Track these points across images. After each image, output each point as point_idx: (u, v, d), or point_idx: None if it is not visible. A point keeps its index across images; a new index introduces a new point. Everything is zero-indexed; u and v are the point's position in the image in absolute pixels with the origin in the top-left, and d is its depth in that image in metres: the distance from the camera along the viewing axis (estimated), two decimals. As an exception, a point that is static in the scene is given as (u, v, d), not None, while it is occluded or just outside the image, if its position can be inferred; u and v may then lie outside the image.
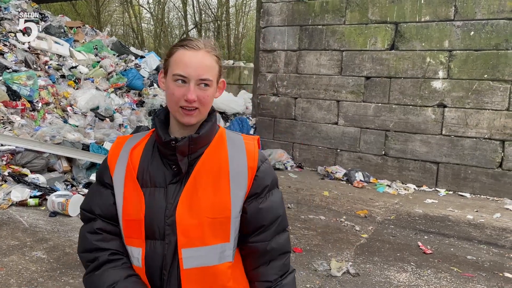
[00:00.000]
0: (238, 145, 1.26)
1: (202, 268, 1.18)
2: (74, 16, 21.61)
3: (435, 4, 6.36)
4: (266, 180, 1.26)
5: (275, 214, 1.27)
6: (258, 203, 1.23)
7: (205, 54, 1.20)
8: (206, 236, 1.18)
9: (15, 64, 6.89)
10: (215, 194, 1.19)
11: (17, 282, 3.13)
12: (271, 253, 1.26)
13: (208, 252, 1.18)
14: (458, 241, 4.41)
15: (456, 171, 6.40)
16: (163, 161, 1.23)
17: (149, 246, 1.20)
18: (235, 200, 1.20)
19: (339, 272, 3.55)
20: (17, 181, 4.97)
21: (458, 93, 6.30)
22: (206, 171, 1.21)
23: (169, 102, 1.21)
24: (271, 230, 1.25)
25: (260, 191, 1.24)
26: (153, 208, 1.20)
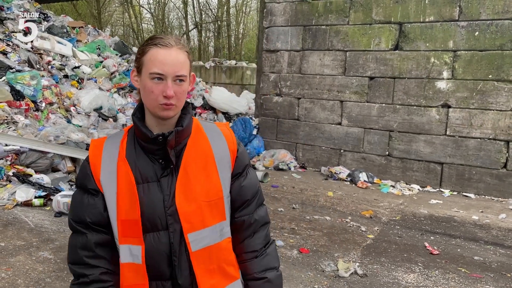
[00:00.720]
0: (215, 132, 1.36)
1: (208, 248, 1.28)
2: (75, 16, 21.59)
3: (439, 4, 6.35)
4: (245, 160, 1.39)
5: (255, 189, 1.40)
6: (240, 181, 1.36)
7: (178, 51, 1.24)
8: (206, 218, 1.27)
9: (18, 64, 6.87)
10: (206, 179, 1.28)
11: (24, 282, 3.12)
12: (255, 225, 1.39)
13: (210, 232, 1.28)
14: (465, 242, 4.40)
15: (460, 172, 6.39)
16: (149, 157, 1.27)
17: (152, 238, 1.25)
18: (224, 182, 1.31)
19: (347, 273, 3.54)
20: (22, 181, 4.96)
21: (462, 93, 6.29)
22: (193, 160, 1.29)
23: (147, 99, 1.24)
24: (253, 203, 1.39)
25: (241, 170, 1.37)
26: (151, 202, 1.25)
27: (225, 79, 14.25)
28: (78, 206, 1.30)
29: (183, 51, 1.26)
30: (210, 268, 1.29)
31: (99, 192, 1.28)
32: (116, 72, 8.25)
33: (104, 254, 1.29)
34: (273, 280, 1.38)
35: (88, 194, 1.29)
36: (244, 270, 1.39)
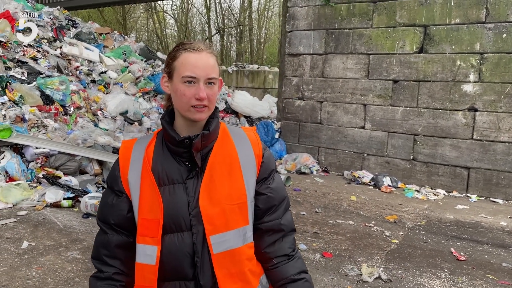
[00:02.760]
0: (241, 137, 1.37)
1: (230, 251, 1.28)
2: (101, 23, 22.12)
3: (465, 7, 6.25)
4: (271, 164, 1.40)
5: (282, 194, 1.41)
6: (267, 186, 1.36)
7: (208, 55, 1.28)
8: (229, 221, 1.28)
9: (48, 69, 7.10)
10: (230, 183, 1.29)
11: (54, 281, 3.21)
12: (284, 230, 1.39)
13: (233, 235, 1.28)
14: (492, 248, 4.31)
15: (488, 177, 6.24)
16: (175, 159, 1.30)
17: (176, 238, 1.28)
18: (248, 186, 1.32)
19: (371, 278, 3.51)
20: (51, 183, 5.11)
21: (490, 96, 6.16)
22: (219, 163, 1.30)
23: (180, 102, 1.28)
24: (281, 208, 1.39)
25: (267, 175, 1.38)
26: (176, 203, 1.28)
27: (247, 83, 14.33)
28: (105, 206, 1.38)
29: (213, 55, 1.29)
30: (232, 272, 1.29)
31: (124, 194, 1.32)
32: (141, 77, 8.42)
33: (121, 256, 1.34)
34: (310, 281, 1.40)
35: (114, 195, 1.34)
36: (278, 274, 1.38)
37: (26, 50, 7.19)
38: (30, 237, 3.95)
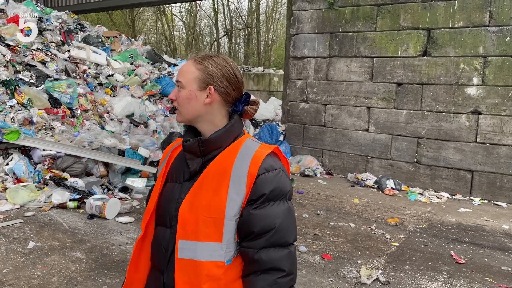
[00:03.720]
0: (248, 152, 1.30)
1: (193, 261, 1.26)
2: (110, 25, 22.37)
3: (469, 10, 6.26)
4: (263, 188, 1.25)
5: (268, 225, 1.24)
6: (250, 209, 1.24)
7: (190, 62, 1.35)
8: (200, 232, 1.25)
9: (56, 72, 7.23)
10: (214, 195, 1.26)
11: (58, 280, 3.30)
12: (259, 264, 1.24)
13: (200, 247, 1.25)
14: (493, 251, 4.32)
15: (491, 180, 6.24)
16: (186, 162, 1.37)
17: (160, 232, 1.38)
18: (231, 203, 1.24)
19: (369, 280, 3.55)
20: (58, 184, 5.21)
21: (493, 100, 6.16)
22: (213, 173, 1.29)
23: None
24: (262, 239, 1.24)
25: (255, 198, 1.25)
26: (169, 200, 1.36)
27: (252, 85, 14.40)
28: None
29: (196, 63, 1.34)
30: (193, 282, 1.25)
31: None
32: (147, 80, 8.52)
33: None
34: None
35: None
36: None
37: (35, 54, 7.33)
38: (36, 238, 4.05)
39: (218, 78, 1.33)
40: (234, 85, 1.35)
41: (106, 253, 3.82)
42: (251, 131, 8.59)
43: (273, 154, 1.33)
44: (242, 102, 1.36)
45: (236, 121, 1.35)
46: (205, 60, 1.34)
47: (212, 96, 1.33)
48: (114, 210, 4.74)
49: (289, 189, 1.31)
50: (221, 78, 1.33)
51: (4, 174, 5.21)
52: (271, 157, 1.31)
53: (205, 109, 1.34)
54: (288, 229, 1.27)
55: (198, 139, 1.31)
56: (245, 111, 1.36)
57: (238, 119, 1.36)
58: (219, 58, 1.36)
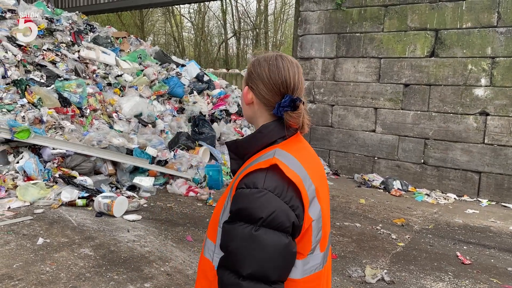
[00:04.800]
0: (253, 163, 1.20)
1: (202, 253, 1.29)
2: (119, 26, 22.55)
3: (477, 11, 6.24)
4: (233, 204, 1.15)
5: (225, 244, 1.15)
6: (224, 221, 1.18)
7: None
8: (209, 228, 1.28)
9: (66, 72, 7.32)
10: (222, 198, 1.26)
11: (66, 276, 3.36)
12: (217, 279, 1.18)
13: (206, 242, 1.27)
14: (499, 252, 4.30)
15: (499, 181, 6.20)
16: None
17: None
18: (223, 211, 1.22)
19: (374, 279, 3.57)
20: (67, 182, 5.29)
21: (501, 101, 6.13)
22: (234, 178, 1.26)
23: None
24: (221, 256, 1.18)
25: (230, 211, 1.17)
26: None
27: (261, 86, 14.44)
28: None
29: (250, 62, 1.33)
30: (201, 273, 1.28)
31: None
32: (155, 80, 8.59)
33: None
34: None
35: None
36: None
37: (45, 54, 7.42)
38: (45, 234, 4.12)
39: (255, 79, 1.27)
40: (268, 87, 1.24)
41: (114, 250, 3.87)
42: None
43: (271, 170, 1.14)
44: (281, 106, 1.22)
45: (267, 128, 1.25)
46: (255, 60, 1.30)
47: (248, 96, 1.29)
48: (122, 208, 4.80)
49: (266, 215, 1.09)
50: (257, 79, 1.26)
51: (15, 172, 5.29)
52: (265, 173, 1.14)
53: (250, 110, 1.30)
54: (245, 259, 1.09)
55: (235, 140, 1.29)
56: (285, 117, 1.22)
57: (273, 126, 1.24)
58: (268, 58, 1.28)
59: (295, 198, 1.14)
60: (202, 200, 5.61)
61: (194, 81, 9.13)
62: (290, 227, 1.11)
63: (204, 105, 8.49)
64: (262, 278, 1.09)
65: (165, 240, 4.20)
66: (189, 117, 8.12)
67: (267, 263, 1.09)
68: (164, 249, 3.98)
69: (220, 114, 8.42)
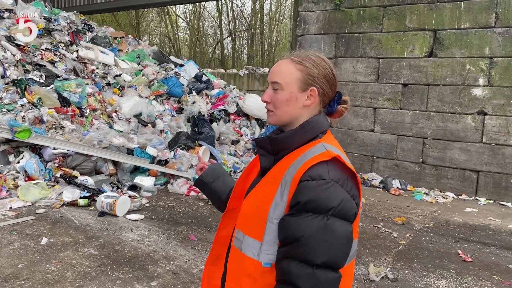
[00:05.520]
0: (307, 156, 1.22)
1: (240, 252, 1.27)
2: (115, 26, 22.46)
3: (475, 11, 6.30)
4: (300, 196, 1.17)
5: (292, 236, 1.16)
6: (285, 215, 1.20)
7: (287, 61, 1.31)
8: (248, 226, 1.27)
9: (65, 72, 7.30)
10: (265, 194, 1.25)
11: (72, 275, 3.36)
12: (279, 273, 1.19)
13: (245, 240, 1.26)
14: (500, 250, 4.36)
15: (497, 180, 6.27)
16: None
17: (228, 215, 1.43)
18: (274, 206, 1.21)
19: (378, 277, 3.60)
20: (68, 182, 5.28)
21: (499, 100, 6.20)
22: (273, 174, 1.27)
23: None
24: (284, 248, 1.19)
25: (292, 205, 1.19)
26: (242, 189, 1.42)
27: (258, 86, 14.46)
28: None
29: (294, 63, 1.29)
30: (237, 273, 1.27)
31: None
32: (154, 80, 8.58)
33: None
34: None
35: None
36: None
37: (44, 54, 7.40)
38: (48, 234, 4.11)
39: (320, 79, 1.28)
40: (332, 85, 1.31)
41: (118, 249, 3.88)
42: (257, 131, 8.64)
43: (332, 162, 1.20)
44: (336, 101, 1.32)
45: (310, 123, 1.29)
46: (305, 60, 1.30)
47: (314, 98, 1.29)
48: (124, 207, 4.80)
49: (336, 205, 1.14)
50: (322, 79, 1.29)
51: (16, 172, 5.28)
52: (326, 165, 1.19)
53: (302, 111, 1.30)
54: (318, 248, 1.13)
55: (269, 136, 1.30)
56: (337, 110, 1.33)
57: (316, 121, 1.29)
58: (318, 57, 1.31)
59: (355, 188, 1.22)
60: (204, 200, 5.62)
61: (192, 81, 9.14)
62: (353, 216, 1.19)
63: (203, 105, 8.50)
64: (333, 265, 1.15)
65: (168, 239, 4.21)
66: (188, 117, 8.13)
67: (338, 251, 1.15)
68: (168, 248, 3.99)
69: (219, 114, 8.42)
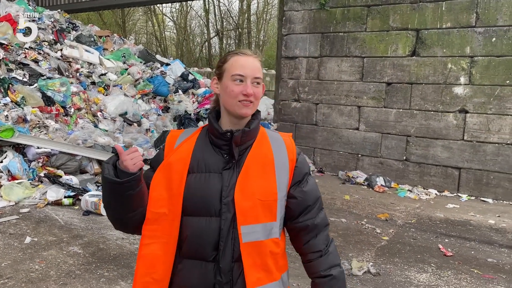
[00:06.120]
0: (278, 141, 1.50)
1: (256, 242, 1.38)
2: (101, 25, 22.26)
3: (456, 11, 6.42)
4: (304, 168, 1.50)
5: (316, 195, 1.52)
6: (302, 188, 1.48)
7: (255, 59, 1.45)
8: (259, 215, 1.38)
9: (49, 71, 7.24)
10: (263, 180, 1.41)
11: (56, 274, 3.36)
12: (318, 227, 1.50)
13: (260, 229, 1.39)
14: (479, 245, 4.46)
15: (478, 177, 6.41)
16: (215, 151, 1.44)
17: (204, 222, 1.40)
18: (280, 186, 1.42)
19: (360, 272, 3.67)
20: (52, 182, 5.25)
21: (480, 98, 6.33)
22: (255, 161, 1.42)
23: (229, 98, 1.42)
24: (315, 208, 1.50)
25: (301, 178, 1.49)
26: (209, 189, 1.40)
27: (245, 85, 14.50)
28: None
29: (258, 60, 1.47)
30: (257, 262, 1.38)
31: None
32: (140, 79, 8.57)
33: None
34: (337, 276, 1.49)
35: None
36: (310, 269, 1.53)
37: (27, 53, 7.33)
38: (32, 233, 4.09)
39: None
40: None
41: (103, 248, 3.88)
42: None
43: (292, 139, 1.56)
44: None
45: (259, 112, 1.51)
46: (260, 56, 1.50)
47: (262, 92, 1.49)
48: (109, 206, 4.79)
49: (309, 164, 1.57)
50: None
51: (-1, 171, 5.23)
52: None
53: None
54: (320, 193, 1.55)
55: (242, 130, 1.41)
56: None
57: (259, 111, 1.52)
58: None
59: None
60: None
61: (179, 80, 9.14)
62: None
63: (189, 104, 8.51)
64: None
65: (154, 237, 4.21)
66: (174, 116, 8.13)
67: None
68: (153, 246, 3.99)
69: (205, 113, 8.44)
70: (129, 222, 1.44)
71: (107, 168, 1.36)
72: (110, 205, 1.44)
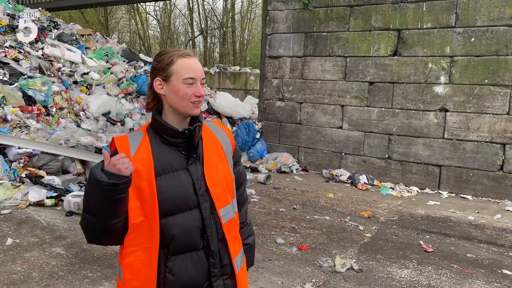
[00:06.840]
0: (218, 129, 1.66)
1: (231, 220, 1.58)
2: (83, 23, 21.97)
3: (436, 12, 6.54)
4: (239, 151, 1.74)
5: (245, 173, 1.80)
6: (239, 169, 1.71)
7: (197, 60, 1.54)
8: (227, 196, 1.56)
9: (30, 70, 7.14)
10: (222, 165, 1.58)
11: (39, 275, 3.33)
12: (245, 200, 1.78)
13: (231, 208, 1.58)
14: (459, 241, 4.57)
15: (458, 174, 6.54)
16: (172, 150, 1.50)
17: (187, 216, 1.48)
18: (231, 169, 1.62)
19: (343, 268, 3.72)
20: (34, 182, 5.19)
21: (459, 97, 6.46)
22: (210, 151, 1.56)
23: (181, 100, 1.47)
24: (244, 185, 1.76)
25: (238, 159, 1.71)
26: (182, 186, 1.48)
27: (229, 84, 14.50)
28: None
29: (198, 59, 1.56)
30: (234, 236, 1.58)
31: None
32: (123, 78, 8.50)
33: None
34: (252, 244, 1.80)
35: None
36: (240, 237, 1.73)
37: (7, 51, 7.21)
38: (14, 235, 4.04)
39: None
40: None
41: (86, 248, 3.85)
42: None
43: None
44: None
45: None
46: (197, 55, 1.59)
47: None
48: (92, 206, 4.75)
49: None
50: None
51: (-22, 172, 5.14)
52: None
53: None
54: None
55: (198, 126, 1.50)
56: None
57: None
58: None
59: None
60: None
61: (162, 79, 9.08)
62: None
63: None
64: None
65: (138, 237, 4.20)
66: (158, 115, 8.08)
67: None
68: (137, 246, 3.98)
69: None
70: (111, 229, 1.42)
71: (99, 173, 1.34)
72: (96, 212, 1.40)
